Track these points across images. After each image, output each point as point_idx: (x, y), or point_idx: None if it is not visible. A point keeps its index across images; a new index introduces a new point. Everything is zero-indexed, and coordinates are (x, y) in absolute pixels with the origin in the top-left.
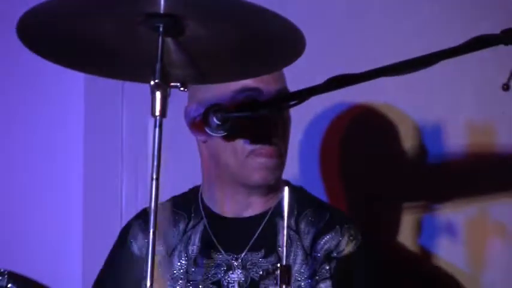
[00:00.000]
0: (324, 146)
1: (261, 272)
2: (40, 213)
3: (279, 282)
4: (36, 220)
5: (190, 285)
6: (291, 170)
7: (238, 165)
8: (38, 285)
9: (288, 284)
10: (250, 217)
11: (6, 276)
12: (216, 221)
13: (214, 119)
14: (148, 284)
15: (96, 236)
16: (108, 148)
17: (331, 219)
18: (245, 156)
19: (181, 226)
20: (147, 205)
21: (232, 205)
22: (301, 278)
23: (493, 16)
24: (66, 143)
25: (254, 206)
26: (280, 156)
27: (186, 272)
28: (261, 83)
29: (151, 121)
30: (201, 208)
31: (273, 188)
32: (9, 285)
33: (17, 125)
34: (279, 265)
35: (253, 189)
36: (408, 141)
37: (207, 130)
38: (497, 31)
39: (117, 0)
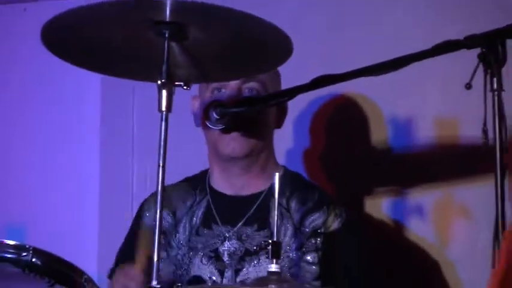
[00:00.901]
0: (311, 130)
1: (255, 247)
2: (61, 198)
3: (270, 256)
4: (58, 204)
5: (192, 252)
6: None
7: (217, 140)
8: (60, 260)
9: (277, 257)
10: (247, 196)
11: (31, 251)
12: (217, 197)
13: (214, 114)
14: (155, 258)
15: (110, 217)
16: (121, 139)
17: (319, 200)
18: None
19: (189, 202)
20: (155, 189)
21: (230, 184)
22: (290, 250)
23: (460, 22)
24: (84, 136)
25: (249, 186)
26: (248, 136)
27: (189, 240)
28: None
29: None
30: (207, 187)
31: (263, 168)
32: (33, 260)
33: (45, 119)
34: (270, 241)
35: (232, 162)
36: (382, 133)
37: (208, 124)
38: (462, 36)
39: (129, 10)
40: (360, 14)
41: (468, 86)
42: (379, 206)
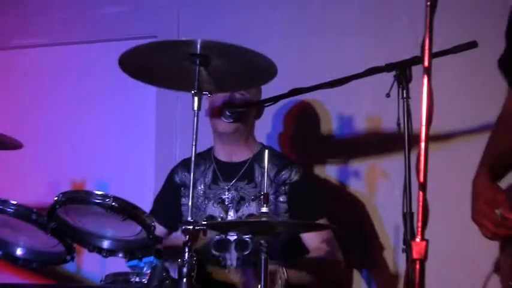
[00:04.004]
0: (284, 121)
1: (252, 197)
2: (130, 167)
3: (263, 203)
4: (128, 170)
5: (206, 200)
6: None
7: (215, 123)
8: (130, 204)
9: (267, 203)
10: (237, 162)
11: (111, 198)
12: (219, 163)
13: (227, 112)
14: (190, 203)
15: (161, 178)
16: (169, 129)
17: (286, 162)
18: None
19: (202, 167)
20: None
21: (225, 153)
22: (269, 194)
23: (384, 53)
24: (145, 128)
25: (238, 155)
26: (234, 121)
27: (204, 192)
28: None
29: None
30: (212, 157)
31: (245, 142)
32: (113, 204)
33: (121, 117)
34: (263, 192)
35: (223, 136)
36: (329, 124)
37: (223, 119)
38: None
39: (172, 47)
40: (326, 36)
41: (388, 95)
42: (329, 171)
